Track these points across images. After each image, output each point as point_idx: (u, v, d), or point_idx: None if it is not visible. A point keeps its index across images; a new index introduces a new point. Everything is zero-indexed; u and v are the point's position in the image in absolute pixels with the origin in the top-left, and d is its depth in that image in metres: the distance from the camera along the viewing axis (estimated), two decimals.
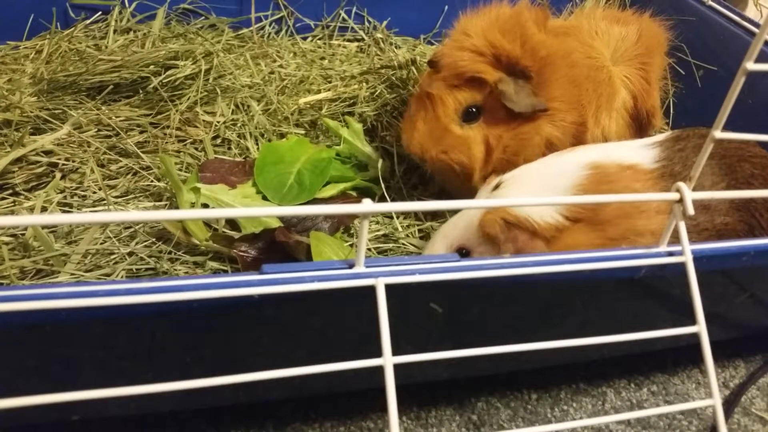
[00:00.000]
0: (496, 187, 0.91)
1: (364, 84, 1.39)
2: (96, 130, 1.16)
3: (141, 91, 1.24)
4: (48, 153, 1.08)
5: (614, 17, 1.20)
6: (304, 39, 1.61)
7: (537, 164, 0.95)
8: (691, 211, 0.62)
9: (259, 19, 1.58)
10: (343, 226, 1.03)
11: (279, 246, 0.91)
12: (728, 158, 0.92)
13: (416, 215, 1.11)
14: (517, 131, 1.00)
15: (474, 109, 1.00)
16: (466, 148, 1.00)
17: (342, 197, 1.12)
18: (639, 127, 1.14)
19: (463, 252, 0.88)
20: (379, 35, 1.62)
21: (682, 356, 0.98)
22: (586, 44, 1.09)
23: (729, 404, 0.92)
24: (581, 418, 0.88)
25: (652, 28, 1.24)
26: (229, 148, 1.20)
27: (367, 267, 0.59)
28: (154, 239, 0.97)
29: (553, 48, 1.01)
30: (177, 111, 1.21)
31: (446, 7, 1.67)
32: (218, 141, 1.21)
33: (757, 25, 1.31)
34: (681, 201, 0.63)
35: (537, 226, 0.83)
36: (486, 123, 1.01)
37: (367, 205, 0.53)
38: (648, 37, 1.18)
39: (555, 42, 1.03)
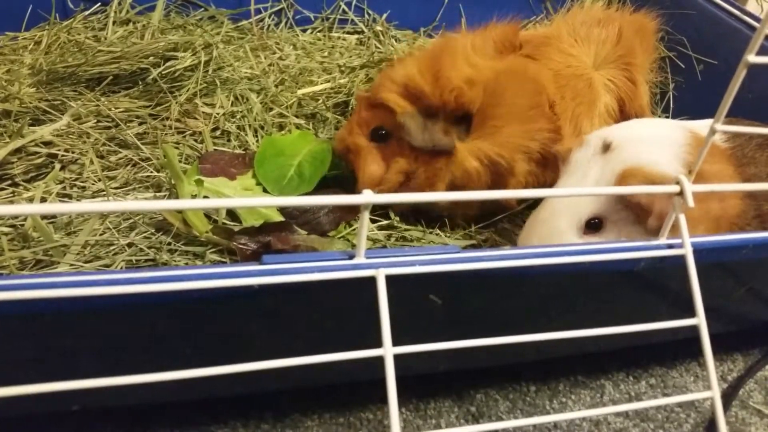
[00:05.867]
0: (606, 148, 0.86)
1: (363, 77, 1.39)
2: (95, 121, 1.16)
3: (140, 83, 1.23)
4: (47, 144, 1.08)
5: (594, 19, 1.20)
6: (304, 31, 1.61)
7: (637, 126, 0.94)
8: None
9: (258, 11, 1.57)
10: (344, 221, 1.03)
11: None
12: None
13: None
14: (431, 164, 1.02)
15: (383, 132, 1.05)
16: (361, 157, 1.05)
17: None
18: None
19: (595, 222, 0.85)
20: (378, 28, 1.62)
21: (681, 350, 0.98)
22: (565, 53, 1.11)
23: (727, 397, 0.92)
24: (580, 410, 0.88)
25: (636, 22, 1.24)
26: (229, 140, 1.20)
27: (367, 258, 0.59)
28: (153, 230, 0.97)
29: (499, 68, 1.04)
30: (176, 102, 1.20)
31: (446, 0, 1.66)
32: (218, 133, 1.20)
33: (757, 19, 1.31)
34: (681, 193, 0.63)
35: None
36: (399, 147, 1.03)
37: (367, 196, 0.53)
38: (630, 34, 1.18)
39: (501, 63, 1.06)
